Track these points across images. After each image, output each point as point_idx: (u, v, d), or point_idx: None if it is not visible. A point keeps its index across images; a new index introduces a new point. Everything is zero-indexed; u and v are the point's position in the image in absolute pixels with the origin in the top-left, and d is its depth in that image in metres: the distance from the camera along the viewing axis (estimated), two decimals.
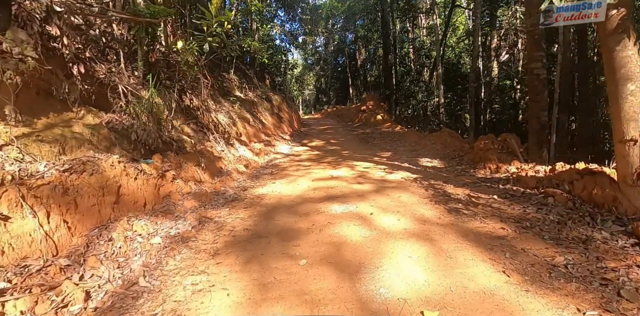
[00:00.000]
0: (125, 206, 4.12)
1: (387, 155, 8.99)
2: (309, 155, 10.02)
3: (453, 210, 4.23)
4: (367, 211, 4.26)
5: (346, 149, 10.59)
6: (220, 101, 10.20)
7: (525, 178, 4.95)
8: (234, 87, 12.64)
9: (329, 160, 8.75)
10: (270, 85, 18.02)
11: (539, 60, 7.35)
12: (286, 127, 15.43)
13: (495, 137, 7.21)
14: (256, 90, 14.96)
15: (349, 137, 14.02)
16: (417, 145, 9.87)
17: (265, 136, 11.88)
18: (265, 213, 4.49)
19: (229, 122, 9.45)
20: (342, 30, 28.95)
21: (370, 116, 17.91)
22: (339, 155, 9.50)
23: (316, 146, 11.83)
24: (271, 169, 7.80)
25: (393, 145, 10.72)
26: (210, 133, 7.77)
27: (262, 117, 13.14)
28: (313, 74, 35.54)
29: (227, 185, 6.12)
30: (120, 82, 5.26)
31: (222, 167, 6.97)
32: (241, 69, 15.13)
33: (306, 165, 8.08)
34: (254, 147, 10.00)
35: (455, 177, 5.94)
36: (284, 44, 20.15)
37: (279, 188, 5.87)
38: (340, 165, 7.80)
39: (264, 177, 7.00)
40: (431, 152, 8.63)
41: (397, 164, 7.42)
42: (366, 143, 11.73)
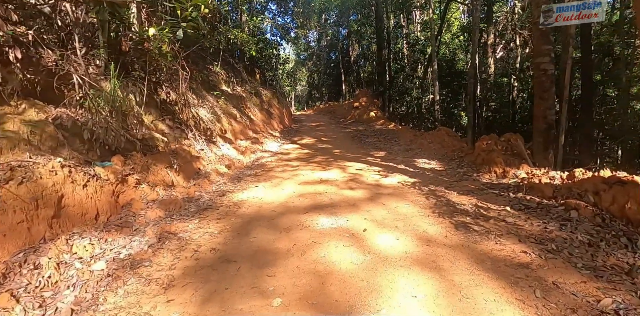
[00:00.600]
0: (69, 220, 3.35)
1: (382, 154, 8.29)
2: (298, 153, 9.28)
3: (461, 224, 3.53)
4: (360, 226, 3.54)
5: (338, 148, 9.86)
6: (204, 95, 9.39)
7: (539, 186, 4.27)
8: (220, 81, 11.81)
9: (319, 159, 8.02)
10: (260, 80, 17.19)
11: (547, 54, 6.66)
12: (276, 124, 14.65)
13: (498, 137, 6.53)
14: (245, 84, 14.15)
15: (341, 134, 13.29)
16: (412, 144, 9.18)
17: (252, 133, 11.11)
18: (240, 226, 3.75)
19: (212, 118, 8.67)
20: (335, 25, 28.08)
21: (363, 113, 17.19)
22: (330, 154, 8.77)
23: (306, 144, 11.09)
24: (256, 170, 7.05)
25: (387, 143, 10.02)
26: (189, 130, 6.99)
27: (250, 112, 12.35)
28: (305, 69, 34.63)
29: (203, 189, 5.37)
30: (75, 72, 4.46)
31: (200, 168, 6.21)
32: (229, 62, 14.30)
33: (294, 166, 7.35)
34: (239, 145, 9.24)
35: (457, 182, 5.25)
36: (276, 37, 19.28)
37: (261, 193, 5.13)
38: (331, 165, 7.08)
39: (246, 179, 6.25)
40: (428, 152, 7.94)
41: (393, 166, 6.71)
42: (359, 142, 11.01)
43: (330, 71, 30.35)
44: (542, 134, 6.65)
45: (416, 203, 4.28)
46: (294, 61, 32.93)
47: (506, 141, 6.43)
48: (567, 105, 6.18)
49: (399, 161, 7.14)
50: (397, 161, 7.15)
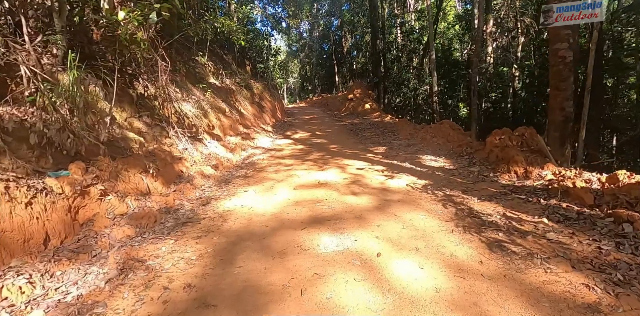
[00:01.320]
0: (4, 250, 2.60)
1: (382, 150, 7.57)
2: (292, 150, 8.53)
3: (494, 244, 2.84)
4: (372, 248, 2.83)
5: (334, 142, 9.13)
6: (189, 89, 8.56)
7: (576, 192, 3.59)
8: (208, 74, 10.95)
9: (314, 156, 7.29)
10: (251, 72, 16.31)
11: (565, 40, 5.94)
12: (268, 117, 13.84)
13: (512, 131, 5.84)
14: (235, 77, 13.30)
15: (336, 128, 12.54)
16: (413, 139, 8.47)
17: (243, 128, 10.32)
18: (223, 249, 3.02)
19: (198, 113, 7.86)
20: (327, 15, 27.03)
21: (358, 105, 16.43)
22: (326, 150, 8.04)
23: (300, 139, 10.34)
24: (246, 170, 6.31)
25: (386, 138, 9.30)
26: (170, 127, 6.20)
27: (240, 106, 11.53)
28: (297, 61, 33.56)
29: (184, 197, 4.62)
30: (23, 63, 3.64)
31: (183, 171, 5.44)
32: (218, 53, 13.41)
33: (288, 164, 6.61)
34: (228, 142, 8.46)
35: (474, 184, 4.56)
36: (266, 28, 18.31)
37: (250, 200, 4.40)
38: (329, 164, 6.35)
39: (235, 181, 5.51)
40: (433, 147, 7.24)
41: (397, 164, 6.00)
42: (355, 136, 10.28)
43: (323, 62, 29.36)
44: (559, 127, 5.98)
45: (433, 213, 3.58)
46: (285, 53, 31.87)
47: (520, 136, 5.75)
48: (589, 96, 5.50)
49: (403, 158, 6.43)
50: (401, 158, 6.44)
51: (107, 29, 5.07)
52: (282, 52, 30.13)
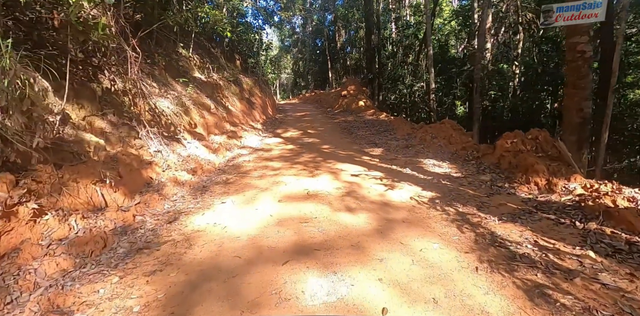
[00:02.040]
0: None
1: (379, 152, 6.84)
2: (281, 150, 7.76)
3: (535, 291, 2.12)
4: (374, 299, 2.09)
5: (327, 142, 8.38)
6: (169, 84, 7.73)
7: (621, 214, 2.88)
8: (192, 67, 10.09)
9: (305, 159, 6.54)
10: (241, 67, 15.44)
11: (585, 32, 5.26)
12: (258, 114, 13.02)
13: (524, 134, 5.14)
14: (223, 71, 12.44)
15: (329, 126, 11.77)
16: (412, 139, 7.74)
17: (230, 126, 9.51)
18: (179, 293, 2.26)
19: (178, 111, 7.05)
20: (320, 9, 26.08)
21: (352, 102, 15.66)
22: (318, 151, 7.29)
23: (291, 138, 9.57)
24: (227, 175, 5.54)
25: (382, 137, 8.57)
26: (142, 126, 5.39)
27: (228, 102, 10.71)
28: (290, 56, 32.56)
29: (149, 210, 3.85)
30: None
31: (153, 178, 4.66)
32: (205, 46, 12.52)
33: (275, 168, 5.85)
34: (212, 141, 7.66)
35: (488, 197, 3.84)
36: (258, 21, 17.40)
37: (226, 215, 3.64)
38: (320, 168, 5.60)
39: (213, 189, 4.75)
40: (434, 149, 6.52)
41: (397, 169, 5.27)
42: (349, 135, 9.53)
43: (316, 58, 28.45)
44: (576, 130, 5.31)
45: (448, 239, 2.85)
46: (278, 48, 30.88)
47: (533, 139, 5.05)
48: (613, 96, 4.81)
49: (402, 162, 5.70)
50: (400, 162, 5.72)
51: (61, 12, 4.24)
52: (275, 47, 29.17)
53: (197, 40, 12.09)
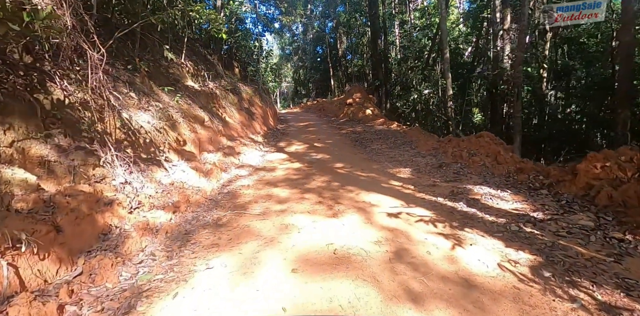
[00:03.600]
0: None
1: (407, 173, 5.44)
2: (286, 170, 6.37)
3: None
4: None
5: (339, 159, 6.98)
6: (154, 93, 6.36)
7: None
8: (185, 75, 8.73)
9: (317, 183, 5.14)
10: (240, 75, 14.12)
11: None
12: (259, 125, 11.65)
13: (616, 155, 3.75)
14: (220, 80, 11.11)
15: (337, 137, 10.39)
16: (441, 155, 6.35)
17: (227, 140, 8.13)
18: None
19: (162, 125, 5.66)
20: (321, 16, 24.84)
21: (358, 110, 14.32)
22: (332, 172, 5.89)
23: (296, 153, 8.17)
24: (220, 210, 4.14)
25: (403, 153, 7.17)
26: (106, 149, 3.98)
27: (225, 113, 9.34)
28: (291, 65, 31.22)
29: (92, 290, 2.43)
30: None
31: (114, 224, 3.24)
32: (200, 53, 11.20)
33: (282, 199, 4.45)
34: (204, 161, 6.26)
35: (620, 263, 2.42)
36: (258, 27, 16.12)
37: (210, 300, 2.22)
38: (341, 200, 4.19)
39: (198, 238, 3.33)
40: (477, 171, 5.12)
41: (447, 204, 3.84)
42: (363, 149, 8.15)
43: (317, 66, 27.12)
44: None
45: None
46: (278, 56, 29.59)
47: (628, 161, 3.65)
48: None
49: (447, 191, 4.29)
50: (444, 191, 4.30)
51: None
52: (275, 55, 27.91)
53: (191, 45, 10.77)
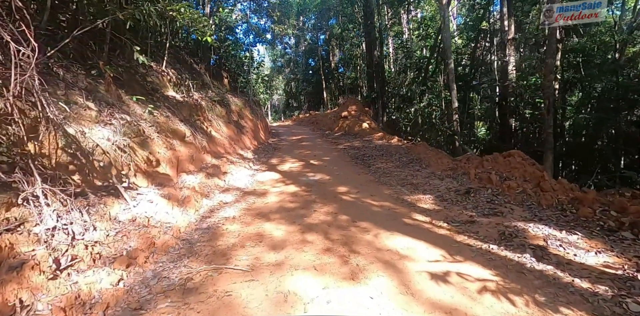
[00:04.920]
0: None
1: (430, 202, 4.35)
2: (280, 196, 5.22)
3: None
4: None
5: (342, 181, 5.87)
6: (122, 104, 5.20)
7: None
8: (165, 84, 7.60)
9: (321, 217, 4.00)
10: (230, 86, 13.04)
11: None
12: (249, 140, 10.50)
13: None
14: (207, 90, 10.00)
15: (335, 153, 9.30)
16: (462, 178, 5.28)
17: (212, 158, 6.96)
18: None
19: (128, 142, 4.48)
20: (314, 29, 24.07)
21: (354, 124, 13.30)
22: (336, 199, 4.77)
23: (291, 172, 7.04)
24: (194, 261, 2.97)
25: (414, 173, 6.10)
26: (33, 181, 2.79)
27: (210, 127, 8.19)
28: (282, 77, 30.27)
29: None
30: None
31: (20, 304, 2.04)
32: (186, 61, 10.12)
33: (277, 244, 3.28)
34: (182, 185, 5.08)
35: None
36: (249, 37, 15.16)
37: None
38: (357, 246, 3.05)
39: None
40: (518, 200, 4.05)
41: (509, 257, 2.73)
42: (366, 168, 7.06)
43: (310, 78, 26.21)
44: None
45: None
46: (270, 69, 28.64)
47: None
48: None
49: (495, 232, 3.19)
50: (491, 232, 3.21)
51: None
52: (267, 67, 26.95)
53: (175, 53, 9.68)
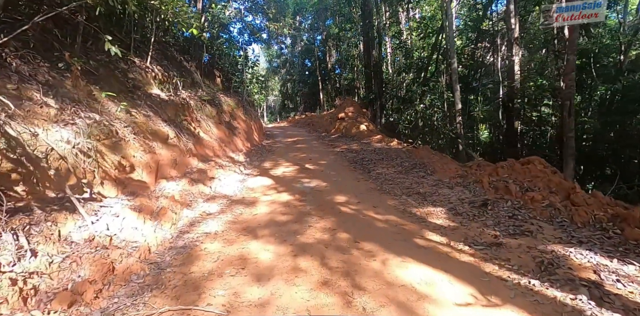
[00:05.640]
0: None
1: (443, 217, 3.73)
2: (271, 207, 4.59)
3: None
4: None
5: (340, 189, 5.26)
6: (92, 101, 4.54)
7: None
8: (149, 81, 6.94)
9: (318, 235, 3.37)
10: (222, 86, 12.39)
11: None
12: (241, 142, 9.85)
13: None
14: (197, 89, 9.37)
15: (332, 157, 8.68)
16: (475, 187, 4.69)
17: (198, 161, 6.33)
18: None
19: (93, 145, 3.82)
20: (310, 29, 23.46)
21: (352, 126, 12.69)
22: (334, 211, 4.15)
23: (284, 178, 6.40)
24: (157, 295, 2.33)
25: (419, 180, 5.49)
26: None
27: (199, 128, 7.53)
28: (278, 78, 29.58)
29: None
30: None
31: None
32: (174, 58, 9.46)
33: (262, 272, 2.65)
34: (159, 194, 4.43)
35: None
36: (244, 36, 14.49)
37: None
38: (363, 282, 2.41)
39: None
40: (545, 215, 3.45)
41: (559, 299, 2.11)
42: (366, 173, 6.44)
43: (306, 79, 25.53)
44: None
45: None
46: (265, 69, 27.95)
47: None
48: None
49: (529, 259, 2.59)
50: (524, 259, 2.60)
51: None
52: (262, 68, 26.26)
53: (163, 49, 9.02)
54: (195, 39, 10.90)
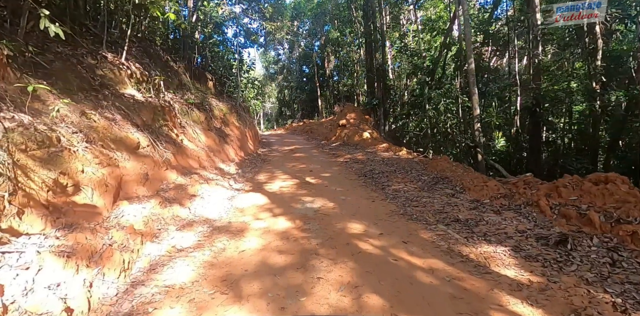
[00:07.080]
0: None
1: (512, 263, 2.55)
2: (264, 239, 3.38)
3: None
4: None
5: (353, 212, 4.07)
6: (35, 100, 3.33)
7: None
8: (123, 79, 5.76)
9: (332, 299, 2.19)
10: (215, 90, 11.25)
11: None
12: (233, 151, 8.64)
13: None
14: (185, 91, 8.22)
15: (336, 168, 7.49)
16: (532, 211, 3.52)
17: (178, 175, 5.13)
18: None
19: (14, 159, 2.60)
20: (308, 35, 22.47)
21: (354, 133, 11.54)
22: (348, 246, 2.96)
23: (282, 195, 5.20)
24: None
25: (449, 200, 4.32)
26: None
27: (183, 135, 6.34)
28: (275, 85, 28.44)
29: None
30: None
31: None
32: (159, 56, 8.30)
33: None
34: (112, 223, 3.19)
35: None
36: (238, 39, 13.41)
37: None
38: None
39: None
40: None
41: None
42: (381, 190, 5.24)
43: (304, 86, 24.44)
44: None
45: None
46: (262, 76, 26.87)
47: None
48: None
49: None
50: None
51: None
52: (259, 75, 25.19)
53: (144, 46, 7.86)
54: (186, 37, 9.82)
